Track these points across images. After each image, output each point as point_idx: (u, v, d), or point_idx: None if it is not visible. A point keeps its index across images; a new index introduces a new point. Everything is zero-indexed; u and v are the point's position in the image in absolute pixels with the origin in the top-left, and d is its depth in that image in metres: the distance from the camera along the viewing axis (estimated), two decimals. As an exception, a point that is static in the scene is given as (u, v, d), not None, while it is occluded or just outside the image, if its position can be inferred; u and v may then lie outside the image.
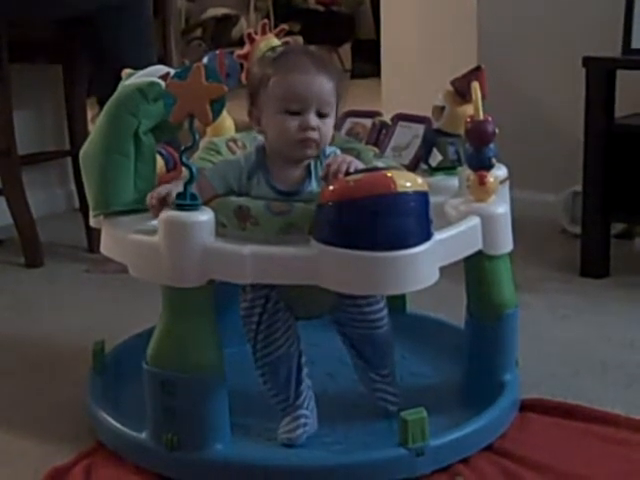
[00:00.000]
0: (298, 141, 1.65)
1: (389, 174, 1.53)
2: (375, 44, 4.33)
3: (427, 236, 1.56)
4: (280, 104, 1.65)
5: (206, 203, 1.63)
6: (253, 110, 1.71)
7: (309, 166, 1.69)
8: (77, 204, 3.42)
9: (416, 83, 3.64)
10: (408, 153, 1.96)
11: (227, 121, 2.01)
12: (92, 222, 1.80)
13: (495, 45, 3.41)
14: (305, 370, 1.74)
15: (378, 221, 1.51)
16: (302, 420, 1.72)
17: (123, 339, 2.06)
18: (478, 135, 1.73)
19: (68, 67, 3.34)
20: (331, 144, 1.79)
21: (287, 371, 1.72)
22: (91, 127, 3.39)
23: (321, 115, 1.66)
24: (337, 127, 2.01)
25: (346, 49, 7.68)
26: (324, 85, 1.66)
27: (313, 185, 1.68)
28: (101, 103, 2.80)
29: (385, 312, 1.76)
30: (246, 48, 1.99)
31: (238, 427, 1.69)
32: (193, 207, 1.58)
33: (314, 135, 1.65)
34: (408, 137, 1.98)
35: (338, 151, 1.73)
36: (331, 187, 1.54)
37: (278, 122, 1.66)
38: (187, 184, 1.58)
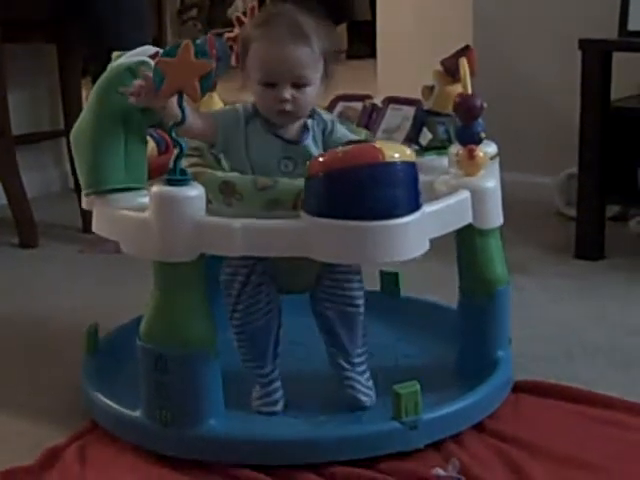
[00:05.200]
0: (275, 112, 1.69)
1: (377, 145, 1.55)
2: (371, 25, 4.32)
3: (416, 206, 1.57)
4: (256, 75, 1.69)
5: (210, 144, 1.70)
6: (244, 69, 1.74)
7: (306, 123, 1.73)
8: (72, 184, 3.42)
9: (412, 64, 3.63)
10: (399, 135, 1.96)
11: (216, 100, 2.01)
12: (84, 204, 1.80)
13: (491, 27, 3.40)
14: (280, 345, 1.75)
15: (366, 191, 1.52)
16: (280, 392, 1.74)
17: (117, 320, 2.06)
18: (466, 109, 1.75)
19: (63, 47, 3.33)
20: None
21: (265, 343, 1.73)
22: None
23: (298, 85, 1.68)
24: (329, 111, 2.02)
25: (342, 30, 7.65)
26: (299, 56, 1.67)
27: (310, 140, 1.72)
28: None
29: (362, 293, 1.74)
30: (235, 31, 1.99)
31: (231, 402, 1.69)
32: (183, 182, 1.59)
33: (288, 107, 1.68)
34: (399, 119, 1.99)
35: (338, 125, 1.76)
36: (320, 158, 1.56)
37: (257, 92, 1.70)
38: (177, 159, 1.59)
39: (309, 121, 1.73)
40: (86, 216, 3.05)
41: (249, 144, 1.71)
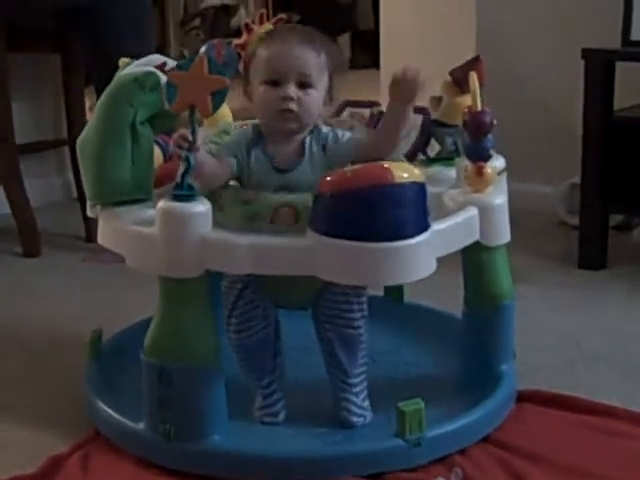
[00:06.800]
0: (278, 112, 1.65)
1: (386, 165, 1.53)
2: (374, 34, 4.32)
3: (424, 227, 1.55)
4: (261, 74, 1.66)
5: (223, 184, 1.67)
6: (247, 86, 1.72)
7: (304, 143, 1.69)
8: (75, 193, 3.42)
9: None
10: (406, 143, 1.96)
11: (225, 110, 2.00)
12: (89, 212, 1.80)
13: (494, 36, 3.41)
14: (280, 357, 1.75)
15: (375, 212, 1.50)
16: (281, 403, 1.74)
17: (120, 329, 2.06)
18: (476, 126, 1.72)
19: (67, 56, 3.33)
20: None
21: (261, 356, 1.72)
22: (89, 116, 3.39)
23: (303, 85, 1.65)
24: (336, 116, 2.02)
25: (345, 39, 7.66)
26: (305, 55, 1.65)
27: (307, 164, 1.67)
28: (99, 92, 2.80)
29: (363, 314, 1.72)
30: (244, 38, 1.99)
31: (235, 417, 1.69)
32: (190, 198, 1.58)
33: (292, 105, 1.64)
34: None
35: (339, 131, 1.72)
36: (328, 178, 1.54)
37: (260, 93, 1.66)
38: (184, 174, 1.58)
39: (307, 139, 1.69)
40: (89, 225, 3.06)
41: (251, 175, 1.68)
